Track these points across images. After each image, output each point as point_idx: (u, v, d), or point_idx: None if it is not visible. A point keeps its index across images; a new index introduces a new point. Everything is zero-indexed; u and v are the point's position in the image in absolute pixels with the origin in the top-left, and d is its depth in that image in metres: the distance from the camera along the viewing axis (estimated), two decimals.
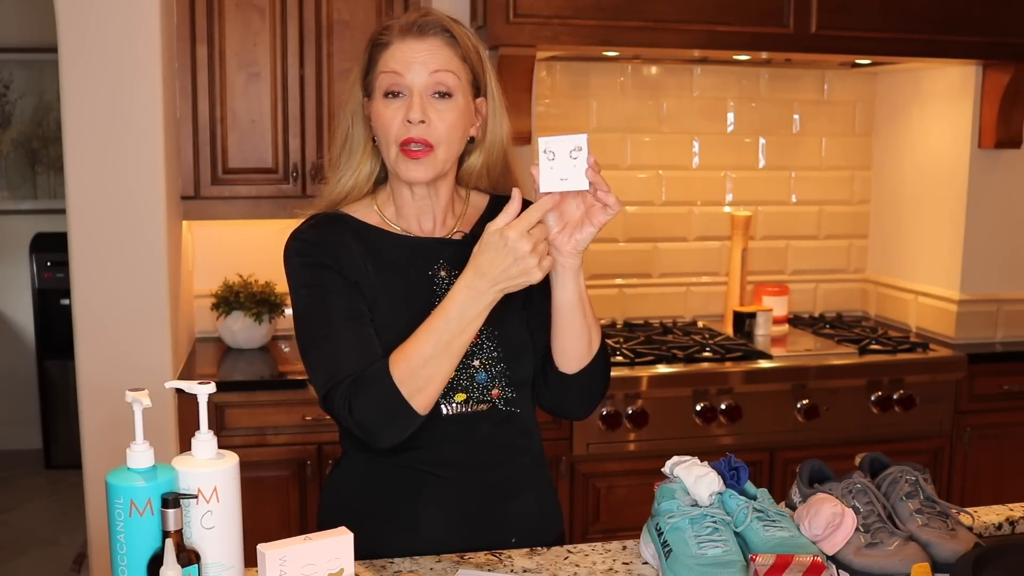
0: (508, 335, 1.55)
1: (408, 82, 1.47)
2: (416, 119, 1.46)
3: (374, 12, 2.92)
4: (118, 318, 2.66)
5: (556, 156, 1.34)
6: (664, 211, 3.47)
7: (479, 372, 1.52)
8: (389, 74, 1.48)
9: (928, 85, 3.40)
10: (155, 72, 2.62)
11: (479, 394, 1.52)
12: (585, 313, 1.49)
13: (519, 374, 1.55)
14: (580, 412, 1.63)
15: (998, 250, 3.30)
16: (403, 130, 1.47)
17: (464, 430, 1.52)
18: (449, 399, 1.50)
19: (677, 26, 2.84)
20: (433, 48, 1.48)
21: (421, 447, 1.51)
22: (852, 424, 3.01)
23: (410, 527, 1.52)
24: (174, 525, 1.14)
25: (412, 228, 1.57)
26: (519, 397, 1.56)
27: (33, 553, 3.99)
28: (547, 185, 1.36)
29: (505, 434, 1.55)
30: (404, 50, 1.48)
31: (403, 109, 1.47)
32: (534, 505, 1.60)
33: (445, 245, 1.57)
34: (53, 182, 5.08)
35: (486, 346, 1.53)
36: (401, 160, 1.49)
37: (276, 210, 2.94)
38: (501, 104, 1.59)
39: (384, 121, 1.49)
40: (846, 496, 1.42)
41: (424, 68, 1.47)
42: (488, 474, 1.54)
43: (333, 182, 1.58)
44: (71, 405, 3.25)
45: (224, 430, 2.70)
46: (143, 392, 1.20)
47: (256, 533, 1.30)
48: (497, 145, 1.60)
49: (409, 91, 1.48)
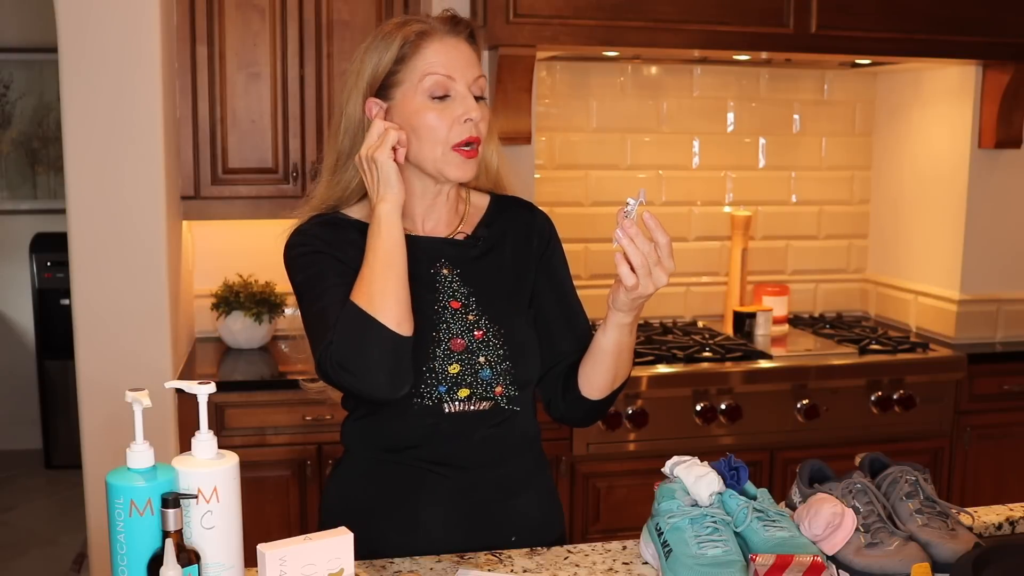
0: (514, 334, 1.55)
1: (459, 85, 1.49)
2: (477, 118, 1.49)
3: (374, 12, 2.92)
4: (118, 318, 2.66)
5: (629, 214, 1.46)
6: (664, 211, 3.47)
7: (484, 369, 1.52)
8: (440, 77, 1.49)
9: (928, 85, 3.40)
10: (155, 72, 2.62)
11: (482, 391, 1.51)
12: (617, 361, 1.54)
13: (523, 373, 1.55)
14: (585, 424, 1.69)
15: (998, 250, 3.30)
16: (461, 130, 1.49)
17: (466, 428, 1.51)
18: (453, 395, 1.50)
19: (677, 26, 2.84)
20: (471, 49, 1.52)
21: (422, 444, 1.51)
22: (852, 424, 3.01)
23: (410, 525, 1.52)
24: (174, 525, 1.14)
25: (415, 227, 1.57)
26: (522, 396, 1.56)
27: (33, 553, 3.99)
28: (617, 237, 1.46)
29: (506, 433, 1.55)
30: (449, 49, 1.50)
31: (451, 109, 1.48)
32: (534, 504, 1.60)
33: (447, 245, 1.58)
34: (53, 182, 5.08)
35: (492, 343, 1.53)
36: (454, 159, 1.50)
37: (276, 210, 2.92)
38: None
39: (432, 123, 1.49)
40: (846, 496, 1.42)
41: (470, 70, 1.50)
42: (489, 473, 1.54)
43: (330, 184, 1.57)
44: (71, 405, 3.24)
45: (224, 430, 2.70)
46: (143, 392, 1.20)
47: (256, 533, 1.30)
48: (493, 142, 1.63)
49: (457, 91, 1.49)
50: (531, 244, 1.64)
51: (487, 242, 1.61)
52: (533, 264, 1.63)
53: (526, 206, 1.69)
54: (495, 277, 1.59)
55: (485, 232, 1.61)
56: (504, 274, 1.60)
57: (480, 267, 1.58)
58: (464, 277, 1.56)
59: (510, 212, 1.65)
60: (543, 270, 1.64)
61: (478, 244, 1.60)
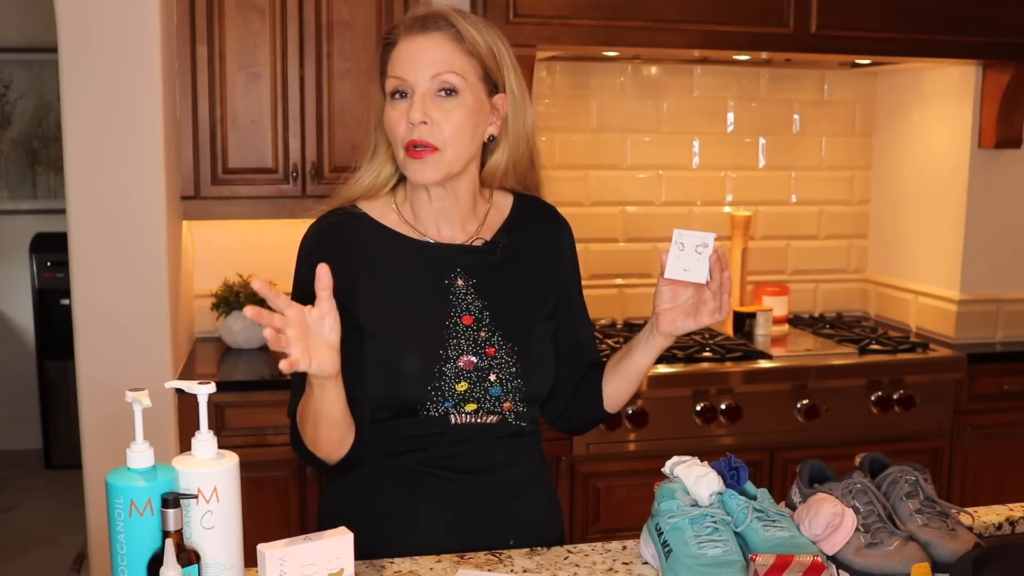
0: (528, 350, 1.52)
1: (411, 82, 1.44)
2: (416, 119, 1.43)
3: (374, 12, 2.92)
4: (118, 318, 2.65)
5: (685, 248, 1.41)
6: (664, 211, 3.47)
7: (494, 386, 1.49)
8: (392, 78, 1.46)
9: (928, 85, 3.40)
10: (155, 72, 2.62)
11: (490, 406, 1.49)
12: (641, 380, 1.61)
13: (534, 390, 1.53)
14: (583, 432, 1.74)
15: (998, 250, 3.30)
16: (407, 132, 1.44)
17: (470, 437, 1.50)
18: (460, 409, 1.48)
19: (677, 26, 2.84)
20: (436, 44, 1.45)
21: (424, 449, 1.50)
22: (852, 424, 3.01)
23: (409, 527, 1.51)
24: (174, 525, 1.14)
25: (430, 232, 1.53)
26: (529, 411, 1.54)
27: (33, 553, 3.99)
28: (672, 272, 1.42)
29: (510, 443, 1.53)
30: (407, 48, 1.45)
31: (404, 109, 1.44)
32: (534, 507, 1.59)
33: (463, 253, 1.53)
34: (53, 182, 5.08)
35: (504, 361, 1.50)
36: (407, 162, 1.46)
37: (276, 210, 2.94)
38: (524, 98, 1.54)
39: (391, 123, 1.46)
40: (846, 496, 1.42)
41: (427, 67, 1.44)
42: (489, 477, 1.53)
43: (353, 179, 1.55)
44: (71, 405, 3.24)
45: (224, 430, 2.70)
46: (143, 392, 1.20)
47: (256, 533, 1.30)
48: (522, 141, 1.56)
49: (412, 91, 1.44)
50: (557, 257, 1.61)
51: (508, 249, 1.56)
52: (558, 278, 1.61)
53: (551, 214, 1.64)
54: (514, 287, 1.55)
55: (505, 238, 1.56)
56: (524, 284, 1.56)
57: (498, 276, 1.54)
58: (479, 289, 1.52)
59: (534, 217, 1.61)
60: (563, 292, 1.61)
61: (497, 251, 1.55)
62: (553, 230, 1.62)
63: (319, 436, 1.41)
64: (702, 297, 1.45)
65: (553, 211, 1.65)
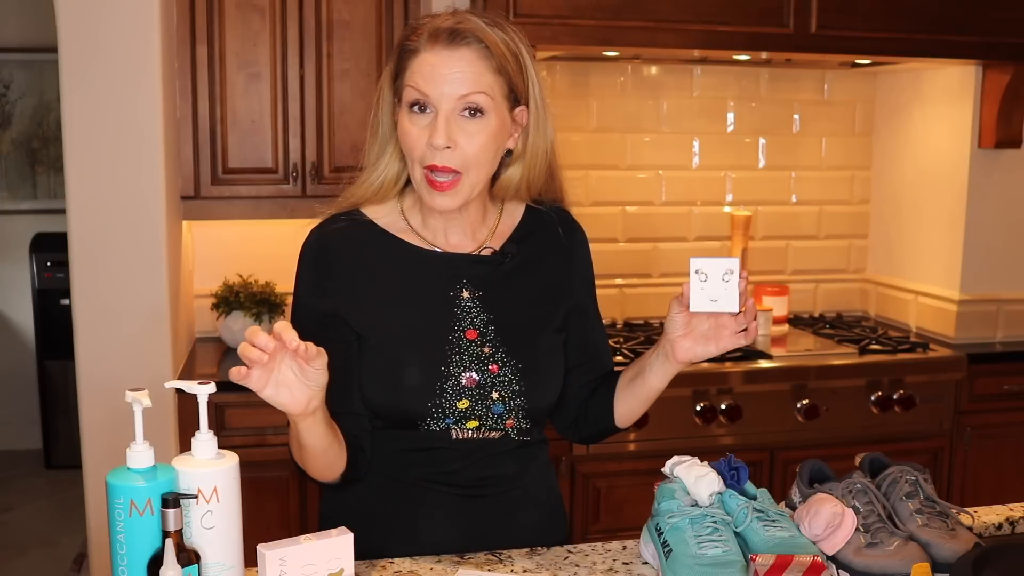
0: (533, 367, 1.48)
1: (434, 99, 1.37)
2: (441, 145, 1.36)
3: (374, 12, 2.92)
4: (118, 318, 2.65)
5: (708, 278, 1.34)
6: (664, 211, 3.47)
7: (496, 404, 1.46)
8: (413, 89, 1.39)
9: (928, 85, 3.40)
10: (155, 72, 2.62)
11: (493, 423, 1.47)
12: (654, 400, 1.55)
13: (537, 406, 1.49)
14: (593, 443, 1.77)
15: (998, 250, 3.30)
16: (428, 154, 1.38)
17: (471, 452, 1.48)
18: (461, 425, 1.45)
19: (677, 26, 2.84)
20: (464, 63, 1.37)
21: (424, 464, 1.48)
22: (852, 424, 3.01)
23: (409, 535, 1.49)
24: (174, 525, 1.14)
25: (438, 240, 1.49)
26: (534, 429, 1.52)
27: (33, 553, 3.99)
28: (697, 305, 1.36)
29: (514, 455, 1.51)
30: (431, 61, 1.38)
31: (428, 129, 1.37)
32: (539, 518, 1.57)
33: (471, 263, 1.49)
34: (53, 182, 5.08)
35: (508, 379, 1.46)
36: (425, 188, 1.40)
37: (276, 210, 2.94)
38: (545, 111, 1.48)
39: (410, 138, 1.39)
40: (846, 496, 1.42)
41: (452, 85, 1.37)
42: (492, 491, 1.51)
43: (359, 181, 1.50)
44: (71, 405, 3.24)
45: (224, 430, 2.69)
46: (143, 392, 1.20)
47: (256, 533, 1.30)
48: (540, 157, 1.49)
49: (435, 108, 1.37)
50: (570, 266, 1.57)
51: (516, 259, 1.51)
52: (570, 287, 1.56)
53: (564, 220, 1.58)
54: (522, 299, 1.51)
55: (515, 248, 1.52)
56: (533, 295, 1.52)
57: (506, 288, 1.50)
58: (485, 301, 1.48)
59: (547, 225, 1.55)
60: (575, 301, 1.57)
61: (506, 260, 1.51)
62: (566, 238, 1.57)
63: (306, 461, 1.40)
64: (720, 322, 1.39)
65: (567, 217, 1.59)
